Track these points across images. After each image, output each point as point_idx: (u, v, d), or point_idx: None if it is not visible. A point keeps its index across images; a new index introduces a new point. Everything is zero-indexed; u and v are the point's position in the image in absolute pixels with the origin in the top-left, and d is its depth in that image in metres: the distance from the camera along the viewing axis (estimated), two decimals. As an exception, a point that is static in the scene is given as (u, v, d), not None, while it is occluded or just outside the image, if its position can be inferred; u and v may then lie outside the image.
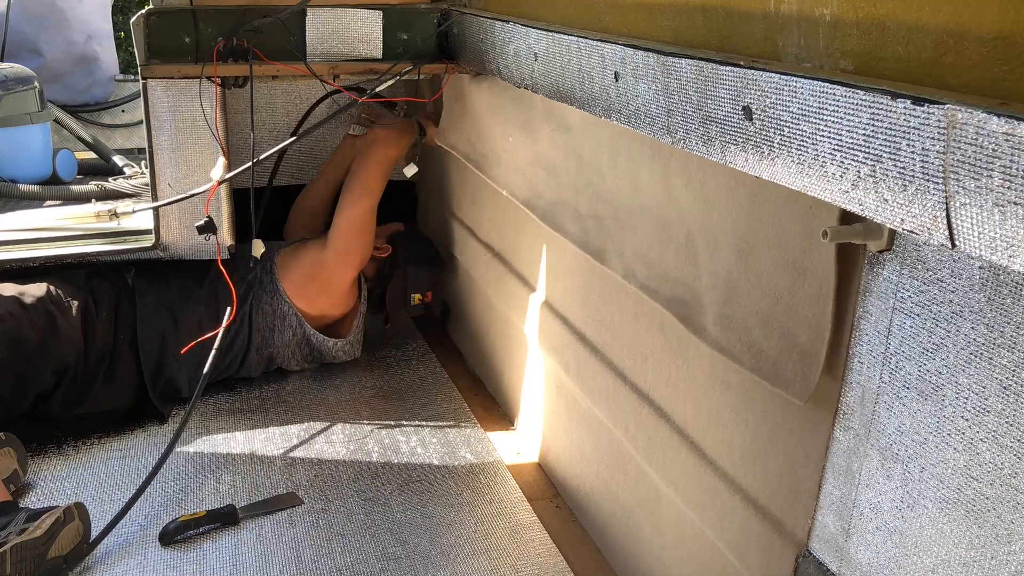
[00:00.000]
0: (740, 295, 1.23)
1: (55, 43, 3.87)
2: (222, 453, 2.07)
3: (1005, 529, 0.85)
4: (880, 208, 0.81)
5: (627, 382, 1.64)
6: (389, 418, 2.25)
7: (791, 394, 1.12)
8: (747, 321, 1.21)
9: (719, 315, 1.28)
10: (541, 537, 1.83)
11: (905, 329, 0.95)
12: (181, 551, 1.72)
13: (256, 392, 2.37)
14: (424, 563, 1.72)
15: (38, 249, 2.23)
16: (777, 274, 1.14)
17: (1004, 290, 0.84)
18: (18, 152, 3.03)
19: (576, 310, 1.88)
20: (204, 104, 2.09)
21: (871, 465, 1.02)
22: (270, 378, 2.44)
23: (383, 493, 1.95)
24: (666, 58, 1.13)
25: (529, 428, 2.19)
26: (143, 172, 3.12)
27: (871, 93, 0.80)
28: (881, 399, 1.00)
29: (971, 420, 0.88)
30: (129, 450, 2.07)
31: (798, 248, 1.10)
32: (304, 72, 2.12)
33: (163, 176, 2.15)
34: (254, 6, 2.10)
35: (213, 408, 2.27)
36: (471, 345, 2.63)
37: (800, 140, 0.90)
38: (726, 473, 1.33)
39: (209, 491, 1.92)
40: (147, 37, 2.06)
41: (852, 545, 1.06)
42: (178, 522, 1.76)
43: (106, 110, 4.04)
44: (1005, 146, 0.67)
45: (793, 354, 1.12)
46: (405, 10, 2.22)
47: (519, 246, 2.22)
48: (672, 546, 1.53)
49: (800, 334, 1.11)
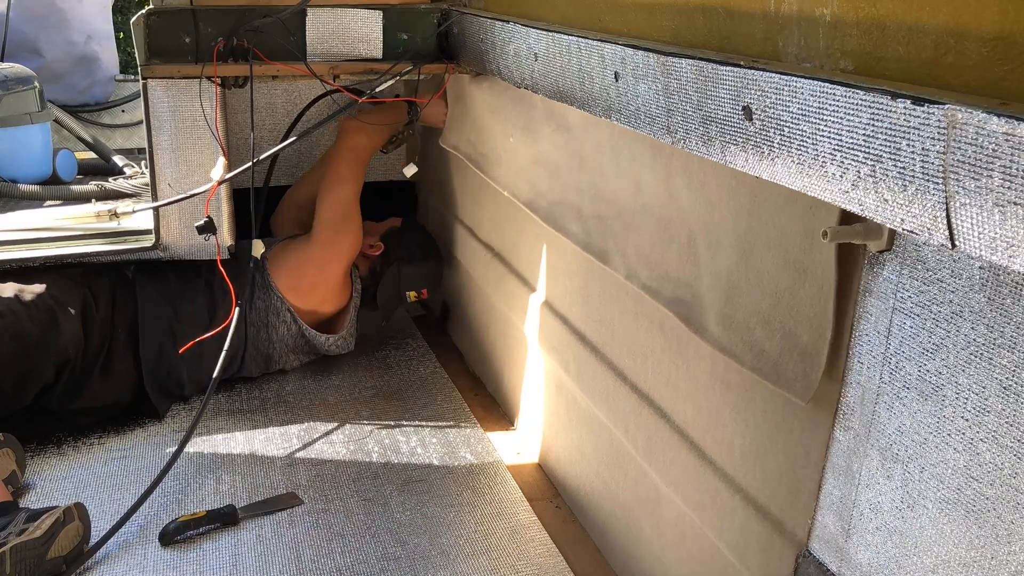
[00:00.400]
0: (741, 295, 1.23)
1: (55, 43, 3.87)
2: (222, 453, 2.07)
3: (1005, 529, 0.85)
4: (880, 208, 0.81)
5: (627, 382, 1.64)
6: (389, 418, 2.25)
7: (793, 394, 1.12)
8: (748, 321, 1.21)
9: (720, 315, 1.28)
10: (541, 537, 1.83)
11: (905, 329, 0.95)
12: (181, 551, 1.72)
13: (256, 392, 2.37)
14: (424, 563, 1.72)
15: (38, 249, 2.23)
16: (778, 274, 1.14)
17: (1004, 290, 0.84)
18: (18, 152, 3.03)
19: (576, 310, 1.88)
20: (204, 104, 2.10)
21: (871, 465, 1.02)
22: (270, 378, 2.44)
23: (383, 493, 1.95)
24: (666, 58, 1.13)
25: (529, 428, 2.19)
26: (143, 172, 3.13)
27: (871, 93, 0.80)
28: (881, 399, 1.00)
29: (971, 420, 0.88)
30: (129, 450, 2.07)
31: (798, 248, 1.10)
32: (304, 72, 2.12)
33: (163, 176, 2.15)
34: (254, 6, 2.10)
35: (213, 408, 2.27)
36: (471, 345, 2.63)
37: (800, 140, 0.90)
38: (726, 473, 1.33)
39: (209, 491, 1.92)
40: (147, 37, 2.06)
41: (852, 545, 1.06)
42: (178, 522, 1.76)
43: (106, 110, 4.05)
44: (1005, 146, 0.67)
45: (794, 354, 1.12)
46: (405, 10, 2.22)
47: (519, 246, 2.22)
48: (672, 546, 1.53)
49: (801, 334, 1.11)
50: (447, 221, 2.75)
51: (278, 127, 2.77)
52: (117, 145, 3.83)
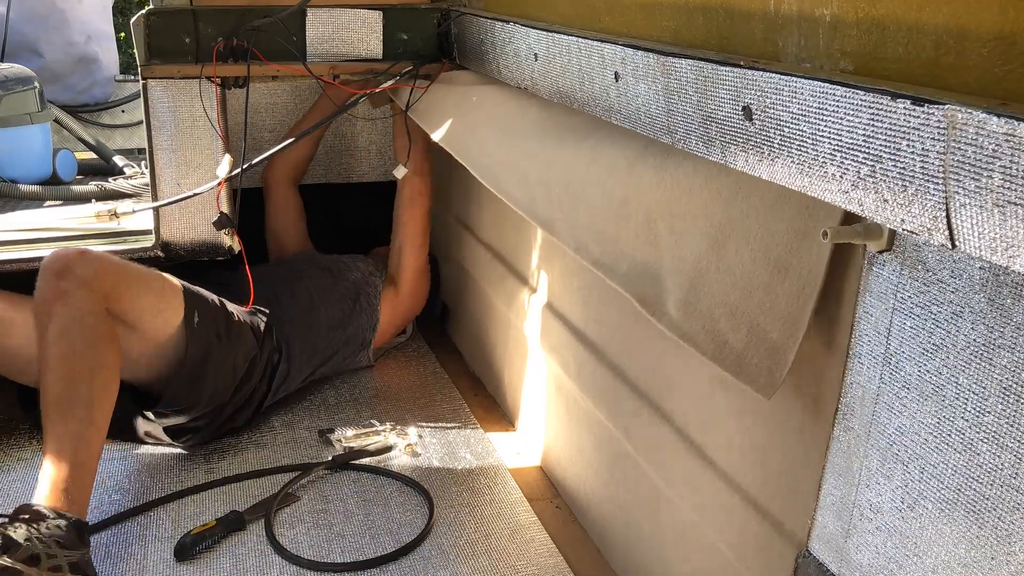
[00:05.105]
0: (708, 284, 1.21)
1: (55, 44, 3.87)
2: (221, 454, 2.07)
3: (1005, 529, 0.85)
4: (880, 208, 0.81)
5: (627, 382, 1.64)
6: (389, 418, 2.25)
7: (755, 389, 1.12)
8: (713, 311, 1.19)
9: (682, 301, 1.25)
10: (541, 537, 1.83)
11: (905, 329, 0.95)
12: (182, 560, 1.70)
13: (256, 392, 2.37)
14: (424, 563, 1.72)
15: (38, 249, 2.23)
16: (754, 268, 1.13)
17: (1004, 290, 0.84)
18: (18, 152, 3.03)
19: (576, 310, 1.88)
20: (205, 104, 2.10)
21: (871, 465, 1.02)
22: (270, 378, 2.44)
23: (383, 493, 1.95)
24: (666, 58, 1.13)
25: (529, 429, 2.19)
26: (143, 172, 3.13)
27: (871, 93, 0.80)
28: (881, 399, 1.00)
29: (971, 420, 0.88)
30: (129, 450, 2.07)
31: (782, 246, 1.09)
32: (303, 72, 2.12)
33: (163, 176, 2.15)
34: (254, 6, 2.10)
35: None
36: (471, 345, 2.63)
37: (800, 140, 0.90)
38: (726, 473, 1.33)
39: (210, 498, 1.91)
40: (147, 37, 2.06)
41: (852, 545, 1.06)
42: (191, 535, 1.73)
43: (106, 110, 4.04)
44: (1005, 146, 0.67)
45: (761, 349, 1.12)
46: (405, 10, 2.22)
47: (519, 246, 2.21)
48: (672, 546, 1.53)
49: (771, 331, 1.10)
50: (447, 221, 2.75)
51: (279, 127, 2.77)
52: (117, 145, 3.83)
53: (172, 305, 1.95)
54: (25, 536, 1.46)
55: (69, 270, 1.77)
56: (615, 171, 1.42)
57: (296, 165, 2.68)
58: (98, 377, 1.71)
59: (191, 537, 1.73)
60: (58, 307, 1.73)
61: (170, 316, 1.94)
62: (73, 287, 1.75)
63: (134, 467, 2.00)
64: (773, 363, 1.09)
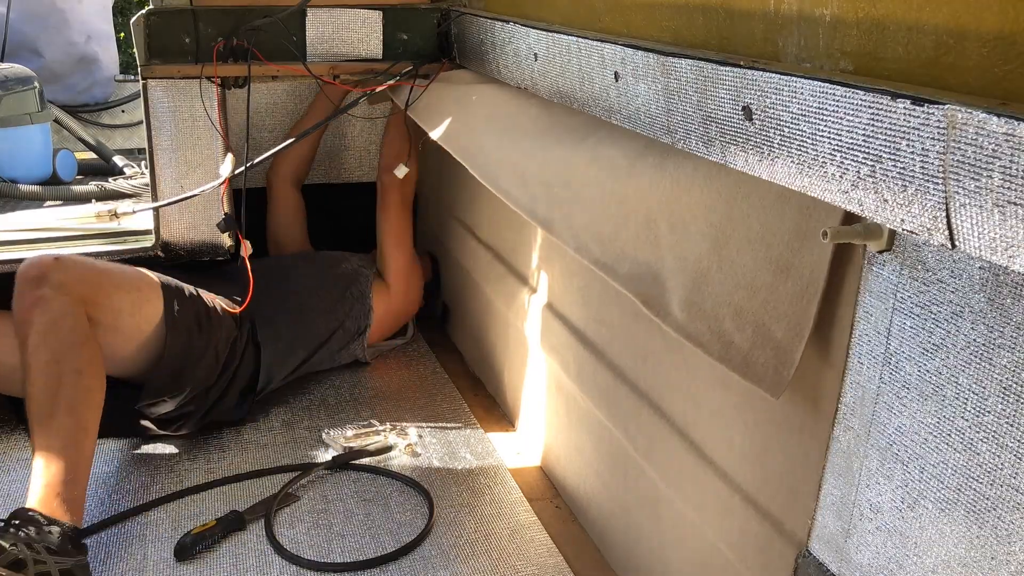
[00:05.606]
0: (711, 284, 1.21)
1: (55, 43, 3.87)
2: (221, 454, 2.07)
3: (1005, 529, 0.85)
4: (880, 208, 0.81)
5: (627, 382, 1.64)
6: (389, 418, 2.25)
7: (763, 388, 1.12)
8: (718, 311, 1.19)
9: (686, 301, 1.25)
10: (541, 537, 1.83)
11: (905, 329, 0.95)
12: (183, 559, 1.70)
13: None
14: (424, 563, 1.72)
15: (38, 249, 2.23)
16: (756, 268, 1.13)
17: (1004, 290, 0.84)
18: (18, 152, 3.03)
19: (576, 310, 1.88)
20: (205, 104, 2.10)
21: (871, 465, 1.02)
22: (270, 378, 2.44)
23: (383, 493, 1.95)
24: (666, 58, 1.13)
25: (529, 428, 2.19)
26: (143, 172, 3.13)
27: (871, 93, 0.80)
28: (881, 399, 1.00)
29: (971, 420, 0.88)
30: (129, 450, 2.07)
31: (784, 246, 1.09)
32: (303, 72, 2.12)
33: (163, 176, 2.15)
34: (254, 6, 2.10)
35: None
36: (471, 345, 2.63)
37: (800, 140, 0.90)
38: (726, 473, 1.33)
39: (210, 497, 1.91)
40: (147, 37, 2.06)
41: (852, 545, 1.06)
42: (192, 535, 1.73)
43: (106, 110, 4.05)
44: (1005, 146, 0.67)
45: (767, 349, 1.12)
46: (405, 10, 2.22)
47: (519, 246, 2.21)
48: (672, 546, 1.53)
49: (776, 330, 1.10)
50: (447, 221, 2.75)
51: (279, 127, 2.77)
52: (117, 145, 3.83)
53: (151, 300, 1.96)
54: (11, 541, 1.45)
55: (45, 277, 1.77)
56: (615, 171, 1.42)
57: (299, 165, 2.69)
58: (82, 380, 1.72)
59: (191, 537, 1.72)
60: (36, 314, 1.73)
61: (149, 312, 1.95)
62: (50, 293, 1.75)
63: (134, 467, 2.00)
64: (779, 362, 1.09)
